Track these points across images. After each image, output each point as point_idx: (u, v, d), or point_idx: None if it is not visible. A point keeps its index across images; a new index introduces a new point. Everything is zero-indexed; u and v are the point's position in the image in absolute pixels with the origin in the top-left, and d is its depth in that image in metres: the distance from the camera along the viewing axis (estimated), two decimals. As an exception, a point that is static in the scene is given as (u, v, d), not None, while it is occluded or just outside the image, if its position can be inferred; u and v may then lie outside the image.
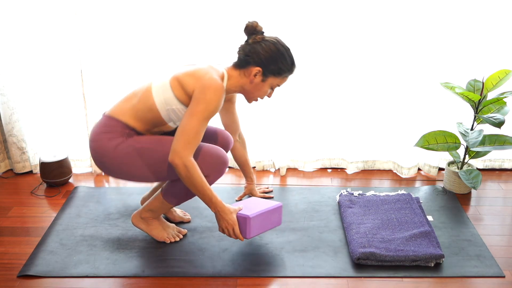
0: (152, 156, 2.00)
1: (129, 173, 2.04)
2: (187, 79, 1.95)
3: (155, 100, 1.99)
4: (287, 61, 2.01)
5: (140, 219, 2.20)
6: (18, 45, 2.63)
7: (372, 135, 2.82)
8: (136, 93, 2.06)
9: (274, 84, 2.06)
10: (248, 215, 2.03)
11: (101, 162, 2.05)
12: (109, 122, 2.03)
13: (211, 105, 1.90)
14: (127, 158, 2.00)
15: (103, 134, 2.02)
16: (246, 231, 2.04)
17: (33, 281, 1.99)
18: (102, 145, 2.01)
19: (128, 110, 2.03)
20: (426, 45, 2.58)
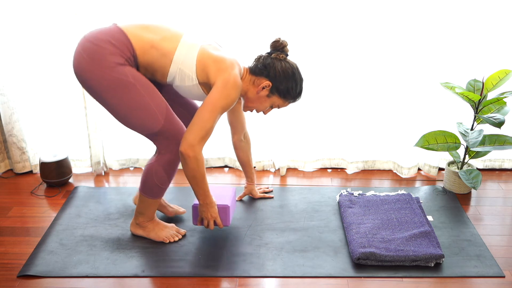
0: (137, 100, 1.90)
1: (102, 97, 1.92)
2: (212, 65, 1.92)
3: (176, 52, 1.92)
4: (297, 89, 2.04)
5: (136, 225, 2.21)
6: (18, 45, 2.63)
7: (372, 135, 2.82)
8: (159, 29, 1.95)
9: (275, 104, 2.08)
10: (227, 205, 2.14)
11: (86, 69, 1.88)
12: (119, 35, 1.90)
13: (231, 101, 1.92)
14: (114, 86, 1.88)
15: (107, 43, 1.87)
16: (227, 219, 2.16)
17: (33, 281, 1.99)
18: (100, 53, 1.86)
19: (144, 39, 1.91)
20: (426, 45, 2.58)
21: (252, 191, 2.56)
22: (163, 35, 1.94)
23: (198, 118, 1.90)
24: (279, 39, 2.03)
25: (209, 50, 1.96)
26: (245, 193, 2.57)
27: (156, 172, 2.04)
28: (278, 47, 2.03)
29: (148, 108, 1.92)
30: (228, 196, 2.24)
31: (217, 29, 2.59)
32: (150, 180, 2.06)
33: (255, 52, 2.17)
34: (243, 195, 2.56)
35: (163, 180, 2.06)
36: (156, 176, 2.04)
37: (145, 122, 1.94)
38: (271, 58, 2.02)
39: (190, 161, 1.91)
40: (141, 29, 1.94)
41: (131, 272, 2.03)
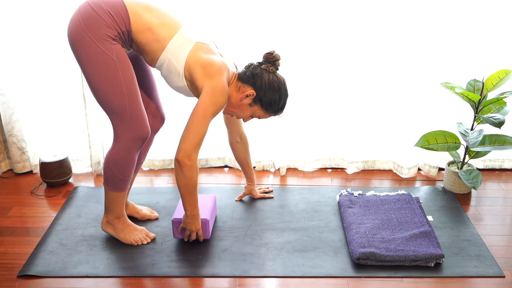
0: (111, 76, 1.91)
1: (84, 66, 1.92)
2: (200, 69, 1.93)
3: (171, 41, 1.93)
4: (279, 103, 2.05)
5: (107, 223, 2.20)
6: (18, 45, 2.63)
7: (372, 135, 2.82)
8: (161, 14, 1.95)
9: (256, 114, 2.08)
10: (206, 218, 2.15)
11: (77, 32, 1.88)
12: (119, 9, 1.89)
13: (220, 106, 1.95)
14: (98, 56, 1.88)
15: (105, 14, 1.87)
16: (207, 231, 2.18)
17: (33, 281, 1.99)
18: (97, 21, 1.86)
19: (143, 20, 1.91)
20: (426, 45, 2.58)
21: (252, 191, 2.56)
22: (163, 21, 1.95)
23: (191, 127, 1.92)
24: (273, 51, 2.05)
25: (201, 52, 1.96)
26: (245, 193, 2.57)
27: (112, 161, 2.03)
28: (270, 59, 2.04)
29: (119, 87, 1.92)
30: (207, 207, 2.24)
31: (216, 27, 2.59)
32: (108, 170, 2.05)
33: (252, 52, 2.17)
34: (243, 195, 2.56)
35: (121, 169, 2.05)
36: (113, 165, 2.04)
37: (113, 102, 1.94)
38: (261, 69, 2.02)
39: (186, 170, 1.93)
40: (143, 8, 1.94)
41: (131, 272, 2.03)
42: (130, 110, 1.96)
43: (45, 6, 2.56)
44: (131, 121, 1.97)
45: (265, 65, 2.03)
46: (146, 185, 2.75)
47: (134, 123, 1.98)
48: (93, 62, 1.90)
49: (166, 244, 2.21)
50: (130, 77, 1.95)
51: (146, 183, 2.78)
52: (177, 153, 1.94)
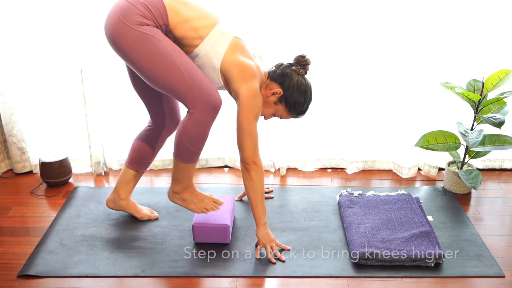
0: (162, 55, 1.89)
1: (130, 54, 1.91)
2: (237, 70, 1.95)
3: (210, 34, 1.95)
4: (303, 106, 2.09)
5: (174, 194, 2.17)
6: (18, 45, 2.63)
7: (372, 135, 2.82)
8: (198, 7, 1.97)
9: (278, 113, 2.12)
10: (227, 224, 2.16)
11: (115, 25, 1.89)
12: (157, 4, 1.91)
13: (259, 108, 2.00)
14: (139, 42, 1.87)
15: (141, 6, 1.89)
16: (227, 236, 2.18)
17: (33, 281, 1.99)
18: (131, 10, 1.87)
19: (180, 13, 1.94)
20: (426, 45, 2.58)
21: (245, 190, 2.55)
22: (201, 13, 1.97)
23: (243, 134, 1.97)
24: (305, 55, 2.09)
25: (239, 52, 1.98)
26: (245, 193, 2.56)
27: (186, 134, 1.96)
28: (302, 62, 2.09)
29: (172, 64, 1.90)
30: (227, 210, 2.25)
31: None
32: (181, 143, 1.99)
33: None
34: (243, 195, 2.56)
35: (194, 143, 1.99)
36: (186, 138, 1.97)
37: (170, 79, 1.91)
38: (291, 69, 2.07)
39: (254, 173, 2.02)
40: (180, 3, 1.96)
41: (131, 272, 2.03)
42: (192, 82, 1.91)
43: (45, 6, 2.55)
44: (198, 92, 1.92)
45: (296, 67, 2.08)
46: (146, 185, 2.75)
47: (201, 94, 1.92)
48: (137, 47, 1.88)
49: (166, 244, 2.21)
50: (178, 50, 1.93)
51: (146, 183, 2.78)
52: (242, 161, 2.02)
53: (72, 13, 2.53)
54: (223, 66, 1.97)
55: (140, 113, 2.78)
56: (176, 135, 2.02)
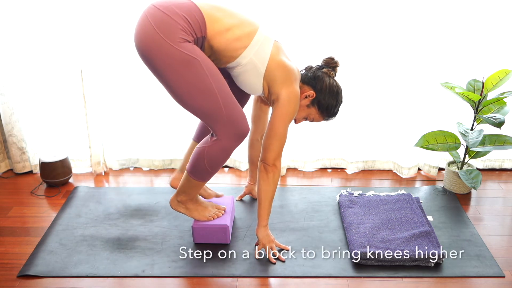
0: (199, 79, 1.83)
1: (164, 71, 1.83)
2: (281, 74, 1.95)
3: (253, 40, 1.90)
4: (335, 107, 2.10)
5: (178, 202, 2.18)
6: (18, 45, 2.63)
7: (372, 135, 2.82)
8: (236, 14, 1.91)
9: (311, 116, 2.12)
10: (226, 224, 2.16)
11: (151, 39, 1.78)
12: (195, 13, 1.81)
13: (294, 112, 2.01)
14: (179, 61, 1.79)
15: (180, 18, 1.78)
16: (227, 236, 2.18)
17: (33, 281, 1.99)
18: (171, 25, 1.77)
19: (222, 22, 1.85)
20: (426, 45, 2.58)
21: (252, 191, 2.56)
22: (241, 20, 1.90)
23: (273, 135, 1.97)
24: (334, 57, 2.10)
25: (282, 54, 1.99)
26: (245, 193, 2.57)
27: (208, 156, 1.96)
28: (331, 64, 2.09)
29: (210, 89, 1.85)
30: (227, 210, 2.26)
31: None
32: (200, 163, 1.98)
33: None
34: (243, 194, 2.56)
35: (214, 165, 1.99)
36: (208, 160, 1.97)
37: (204, 104, 1.87)
38: (322, 72, 2.07)
39: (272, 176, 2.02)
40: (217, 10, 1.87)
41: (131, 272, 2.03)
42: (226, 109, 1.88)
43: (45, 6, 2.55)
44: (229, 120, 1.89)
45: (326, 69, 2.08)
46: (146, 185, 2.75)
47: (232, 122, 1.90)
48: (175, 67, 1.80)
49: (166, 244, 2.21)
50: (217, 75, 1.88)
51: (146, 183, 2.78)
52: (263, 161, 2.02)
53: (72, 13, 2.53)
54: (268, 70, 1.95)
55: (140, 113, 2.78)
56: (196, 154, 2.00)
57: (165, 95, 2.48)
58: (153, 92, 2.72)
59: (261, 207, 2.08)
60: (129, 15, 2.57)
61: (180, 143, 2.85)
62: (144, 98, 2.75)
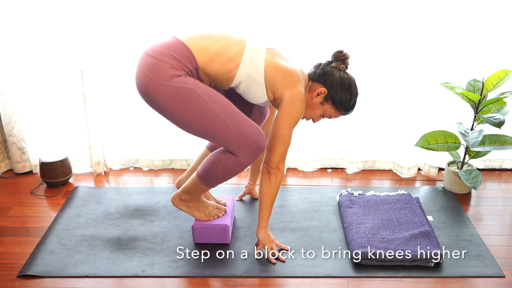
0: (201, 107, 1.86)
1: (168, 110, 1.89)
2: (281, 77, 1.94)
3: (243, 57, 1.90)
4: (350, 101, 2.03)
5: (180, 200, 2.18)
6: (18, 45, 2.63)
7: (372, 135, 2.82)
8: (221, 37, 1.93)
9: (327, 113, 2.06)
10: (226, 224, 2.16)
11: (148, 84, 1.86)
12: (181, 49, 1.87)
13: (299, 115, 1.99)
14: (176, 96, 1.84)
15: (168, 58, 1.85)
16: (227, 236, 2.18)
17: (33, 281, 1.99)
18: (161, 67, 1.85)
19: (206, 49, 1.89)
20: (426, 45, 2.57)
21: (252, 191, 2.56)
22: (227, 42, 1.93)
23: (276, 138, 1.96)
24: (342, 50, 2.05)
25: (278, 58, 1.97)
26: (245, 193, 2.57)
27: (223, 168, 1.96)
28: (340, 58, 2.05)
29: (213, 114, 1.87)
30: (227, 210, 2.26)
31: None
32: (213, 171, 1.99)
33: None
34: (243, 194, 2.56)
35: (227, 176, 2.00)
36: (222, 171, 1.97)
37: (213, 128, 1.89)
38: (331, 67, 2.03)
39: (274, 179, 2.00)
40: (202, 39, 1.92)
41: (131, 272, 2.03)
42: (236, 129, 1.89)
43: (45, 6, 2.55)
44: (242, 139, 1.90)
45: (335, 63, 2.04)
46: (146, 185, 2.75)
47: (246, 140, 1.90)
48: (173, 102, 1.86)
49: (166, 244, 2.21)
50: (218, 98, 1.90)
51: (146, 183, 2.78)
52: (266, 163, 2.00)
53: (72, 13, 2.53)
54: (267, 77, 1.94)
55: (141, 113, 2.78)
56: (210, 162, 1.99)
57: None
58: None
59: (262, 209, 2.07)
60: (129, 15, 2.57)
61: (180, 143, 2.86)
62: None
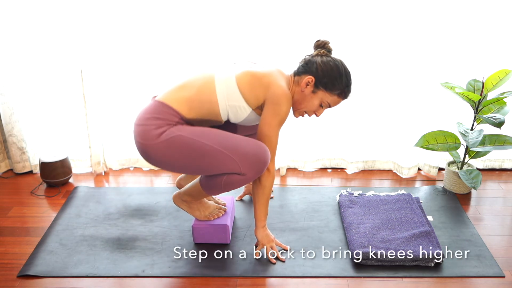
0: (192, 147, 1.90)
1: (169, 163, 1.95)
2: (256, 84, 1.94)
3: (217, 93, 1.94)
4: (342, 80, 1.99)
5: (182, 201, 2.19)
6: (18, 45, 2.63)
7: (372, 135, 2.82)
8: (193, 83, 1.98)
9: (324, 101, 2.01)
10: (226, 224, 2.16)
11: (143, 149, 1.96)
12: (161, 108, 1.94)
13: (284, 114, 1.95)
14: (168, 148, 1.90)
15: (152, 120, 1.93)
16: (227, 236, 2.18)
17: (33, 281, 1.99)
18: (147, 131, 1.92)
19: (183, 99, 1.95)
20: (426, 45, 2.57)
21: (251, 191, 2.55)
22: (198, 86, 1.96)
23: (262, 139, 1.96)
24: (319, 39, 2.05)
25: (248, 71, 1.97)
26: (245, 193, 2.57)
27: (226, 182, 1.98)
28: (320, 45, 2.04)
29: (207, 150, 1.89)
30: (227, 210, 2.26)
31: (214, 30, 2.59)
32: (217, 184, 1.99)
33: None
34: (243, 194, 2.56)
35: (229, 187, 2.00)
36: (225, 184, 1.98)
37: (214, 162, 1.91)
38: (312, 56, 2.02)
39: (269, 178, 2.00)
40: (177, 91, 1.97)
41: (131, 272, 2.03)
42: (234, 154, 1.90)
43: (45, 6, 2.55)
44: (243, 161, 1.90)
45: (316, 51, 2.03)
46: (146, 185, 2.75)
47: (247, 160, 1.91)
48: (168, 154, 1.91)
49: (166, 244, 2.21)
50: (206, 132, 1.93)
51: (146, 183, 2.78)
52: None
53: (72, 13, 2.53)
54: (246, 97, 1.95)
55: (140, 113, 2.77)
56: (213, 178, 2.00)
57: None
58: (152, 92, 2.72)
59: (256, 210, 2.08)
60: (129, 15, 2.57)
61: (180, 143, 2.85)
62: (144, 98, 2.75)
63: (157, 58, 2.67)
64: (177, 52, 2.64)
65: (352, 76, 2.04)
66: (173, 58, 2.66)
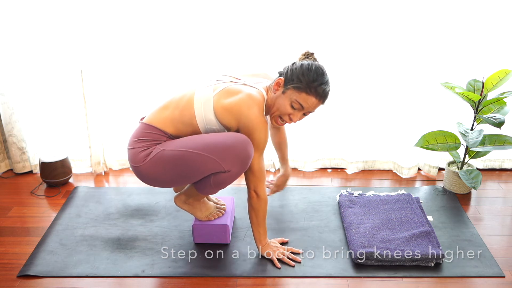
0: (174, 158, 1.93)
1: (159, 179, 2.00)
2: (226, 113, 1.93)
3: (196, 115, 1.97)
4: (310, 76, 1.89)
5: (184, 202, 2.20)
6: (18, 45, 2.63)
7: (372, 135, 2.82)
8: (177, 103, 2.01)
9: (294, 99, 1.91)
10: (226, 224, 2.17)
11: (136, 171, 2.02)
12: (147, 130, 2.00)
13: (263, 140, 1.96)
14: (156, 165, 1.95)
15: (139, 143, 1.99)
16: (227, 236, 2.18)
17: (33, 281, 1.99)
18: (135, 153, 1.99)
19: (167, 119, 2.00)
20: (426, 45, 2.57)
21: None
22: (180, 106, 1.99)
23: (249, 170, 1.98)
24: (307, 50, 2.02)
25: (222, 99, 1.95)
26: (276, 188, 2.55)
27: (218, 183, 2.00)
28: (304, 55, 2.01)
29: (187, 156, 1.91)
30: (227, 210, 2.26)
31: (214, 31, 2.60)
32: (206, 182, 2.01)
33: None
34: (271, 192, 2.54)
35: (221, 186, 2.02)
36: (217, 185, 2.00)
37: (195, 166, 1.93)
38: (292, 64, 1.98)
39: (260, 202, 2.02)
40: (161, 112, 2.02)
41: (131, 272, 2.03)
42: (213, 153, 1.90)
43: (45, 6, 2.55)
44: (222, 157, 1.91)
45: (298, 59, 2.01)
46: (146, 185, 2.75)
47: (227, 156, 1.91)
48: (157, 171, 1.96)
49: (166, 244, 2.21)
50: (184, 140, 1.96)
51: (146, 183, 2.78)
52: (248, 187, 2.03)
53: (72, 13, 2.53)
54: (225, 125, 1.96)
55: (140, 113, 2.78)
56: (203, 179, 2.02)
57: (164, 95, 2.48)
58: (152, 92, 2.72)
59: (254, 230, 2.10)
60: (129, 15, 2.57)
61: (180, 143, 2.85)
62: (144, 98, 2.75)
63: (157, 58, 2.67)
64: (177, 52, 2.65)
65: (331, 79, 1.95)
66: (173, 58, 2.66)
